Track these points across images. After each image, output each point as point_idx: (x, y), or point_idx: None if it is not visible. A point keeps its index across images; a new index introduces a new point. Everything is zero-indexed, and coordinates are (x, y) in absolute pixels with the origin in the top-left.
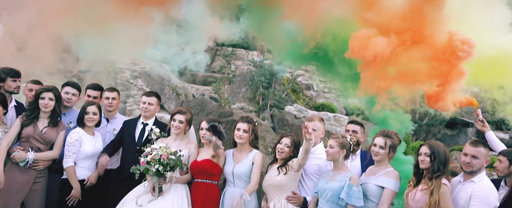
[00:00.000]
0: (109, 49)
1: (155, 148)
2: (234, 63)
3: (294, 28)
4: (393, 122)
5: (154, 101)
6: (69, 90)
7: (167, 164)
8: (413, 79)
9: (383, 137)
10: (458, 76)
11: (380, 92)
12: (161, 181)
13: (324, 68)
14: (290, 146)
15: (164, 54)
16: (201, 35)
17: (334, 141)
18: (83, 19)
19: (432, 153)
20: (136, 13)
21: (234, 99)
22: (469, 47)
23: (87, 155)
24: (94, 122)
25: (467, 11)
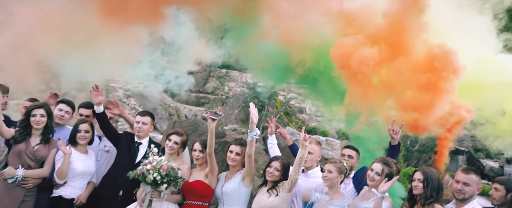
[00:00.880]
0: (93, 68)
1: (157, 159)
2: (227, 85)
3: (276, 48)
4: (370, 141)
5: (148, 121)
6: (63, 108)
7: (165, 176)
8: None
9: (381, 163)
10: (445, 92)
11: (364, 107)
12: (154, 193)
13: (307, 86)
14: (280, 170)
15: (147, 74)
16: (186, 57)
17: (333, 166)
18: (68, 38)
19: (426, 179)
20: (122, 32)
21: (227, 120)
22: (448, 56)
23: (78, 173)
24: (86, 140)
25: (449, 25)
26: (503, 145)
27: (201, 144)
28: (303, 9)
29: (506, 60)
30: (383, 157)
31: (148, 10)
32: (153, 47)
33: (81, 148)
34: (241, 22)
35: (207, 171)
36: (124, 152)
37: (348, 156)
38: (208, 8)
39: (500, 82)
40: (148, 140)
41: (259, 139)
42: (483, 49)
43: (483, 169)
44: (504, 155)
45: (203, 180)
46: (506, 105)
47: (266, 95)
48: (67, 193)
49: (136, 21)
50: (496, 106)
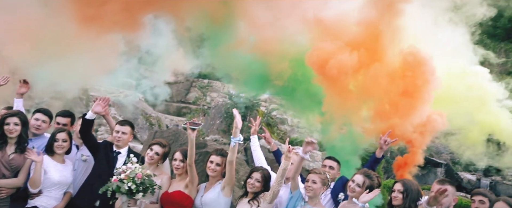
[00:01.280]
0: (68, 76)
1: (130, 167)
2: (209, 95)
3: (254, 58)
4: (344, 151)
5: (128, 131)
6: (39, 117)
7: (140, 184)
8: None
9: (363, 175)
10: (421, 101)
11: (340, 115)
12: (130, 202)
13: (285, 97)
14: (261, 181)
15: (123, 83)
16: (163, 67)
17: (318, 177)
18: (43, 46)
19: (405, 190)
20: (98, 40)
21: (208, 131)
22: (422, 64)
23: (53, 182)
24: (64, 149)
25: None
26: (474, 155)
27: (182, 153)
28: (278, 17)
29: (479, 73)
30: (365, 170)
31: (125, 18)
32: (129, 56)
33: (58, 157)
34: (218, 31)
35: (187, 181)
36: (102, 161)
37: (329, 167)
38: (185, 16)
39: (472, 95)
40: (127, 149)
41: (240, 149)
42: (457, 62)
43: (461, 181)
44: (475, 165)
45: (183, 190)
46: (478, 117)
47: (248, 105)
48: (42, 204)
49: (112, 29)
50: (468, 117)
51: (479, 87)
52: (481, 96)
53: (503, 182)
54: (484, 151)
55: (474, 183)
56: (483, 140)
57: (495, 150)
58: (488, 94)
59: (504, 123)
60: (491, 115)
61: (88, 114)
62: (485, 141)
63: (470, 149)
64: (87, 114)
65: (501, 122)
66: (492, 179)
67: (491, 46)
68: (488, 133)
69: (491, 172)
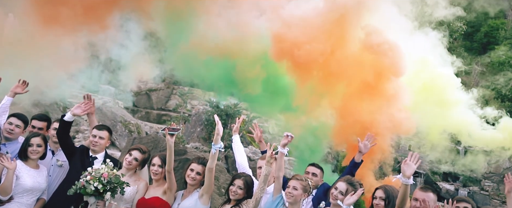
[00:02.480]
0: (27, 79)
1: (96, 168)
2: (190, 103)
3: (219, 62)
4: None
5: (105, 135)
6: (13, 121)
7: (107, 183)
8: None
9: (346, 183)
10: (386, 96)
11: (310, 109)
12: (99, 204)
13: (252, 98)
14: (243, 188)
15: (85, 89)
16: (128, 75)
17: (299, 184)
18: (1, 47)
19: (387, 197)
20: (60, 42)
21: (189, 138)
22: (388, 54)
23: (26, 189)
24: (39, 154)
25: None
26: (435, 157)
27: (160, 158)
28: (238, 13)
29: (446, 77)
30: (348, 177)
31: (89, 18)
32: (92, 60)
33: (32, 162)
34: (179, 29)
35: (165, 188)
36: (77, 166)
37: (312, 174)
38: (149, 18)
39: (440, 99)
40: (103, 154)
41: (221, 157)
42: (428, 65)
43: (440, 191)
44: (441, 169)
45: (160, 196)
46: (441, 120)
47: (229, 113)
48: None
49: (74, 31)
50: (432, 121)
51: (448, 92)
52: (448, 101)
53: (481, 192)
54: (447, 154)
55: (453, 193)
56: (446, 143)
57: (455, 153)
58: (456, 100)
59: (470, 127)
60: (457, 119)
61: (67, 115)
62: (448, 144)
63: (433, 151)
64: (65, 115)
65: (467, 126)
66: (470, 189)
67: (468, 59)
68: (452, 136)
69: (469, 183)
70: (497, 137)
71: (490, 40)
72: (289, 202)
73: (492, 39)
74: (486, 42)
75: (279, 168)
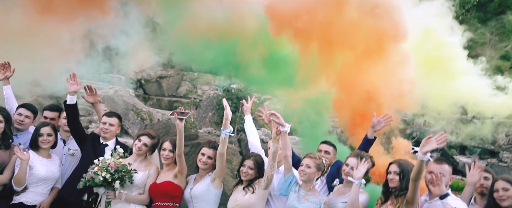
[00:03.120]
0: (26, 69)
1: (103, 158)
2: (201, 88)
3: (219, 44)
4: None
5: (115, 122)
6: (22, 112)
7: (115, 172)
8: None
9: (356, 158)
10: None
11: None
12: (109, 194)
13: (257, 76)
14: (254, 168)
15: (85, 79)
16: (128, 65)
17: (312, 162)
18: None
19: (401, 171)
20: (59, 32)
21: (201, 123)
22: (392, 17)
23: (39, 178)
24: (49, 143)
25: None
26: (449, 130)
27: (171, 143)
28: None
29: (453, 46)
30: (357, 151)
31: (86, 5)
32: (91, 49)
33: (44, 152)
34: (176, 16)
35: (176, 172)
36: (89, 154)
37: (324, 151)
38: (147, 2)
39: (447, 67)
40: (114, 141)
41: (234, 141)
42: (432, 34)
43: (457, 165)
44: (453, 142)
45: (172, 180)
46: (450, 92)
47: (239, 97)
48: (28, 200)
49: (72, 19)
50: (440, 92)
51: (456, 63)
52: (455, 70)
53: (499, 164)
54: (460, 126)
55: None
56: (456, 116)
57: (469, 124)
58: (464, 70)
59: (480, 96)
60: (466, 89)
61: (68, 98)
62: (459, 116)
63: (448, 124)
64: (67, 99)
65: (477, 95)
66: (488, 161)
67: (482, 29)
68: (463, 107)
69: (487, 155)
70: (509, 104)
71: (504, 10)
72: (303, 180)
73: (506, 9)
74: (500, 12)
75: (285, 147)
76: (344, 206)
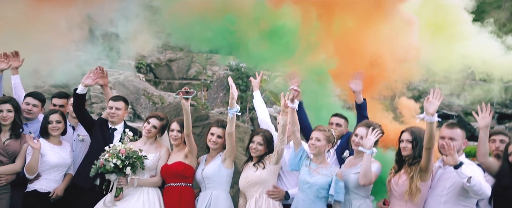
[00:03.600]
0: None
1: (113, 145)
2: (210, 69)
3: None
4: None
5: (122, 106)
6: (30, 101)
7: (126, 158)
8: None
9: (366, 127)
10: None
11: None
12: (121, 180)
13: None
14: (263, 143)
15: (82, 67)
16: (128, 50)
17: (322, 134)
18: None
19: (414, 139)
20: (55, 19)
21: (213, 104)
22: None
23: (52, 165)
24: (59, 130)
25: None
26: (448, 91)
27: (178, 123)
28: None
29: (462, 10)
30: (365, 121)
31: None
32: (91, 35)
33: (54, 139)
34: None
35: (186, 152)
36: (98, 139)
37: (336, 124)
38: None
39: (452, 32)
40: (123, 125)
41: (246, 120)
42: None
43: (474, 131)
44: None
45: (182, 161)
46: (456, 56)
47: (250, 75)
48: (42, 187)
49: (70, 5)
50: (444, 54)
51: (462, 24)
52: (463, 33)
53: None
54: (462, 86)
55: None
56: (460, 75)
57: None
58: (471, 32)
59: (487, 58)
60: (472, 50)
61: (79, 87)
62: (463, 76)
63: (447, 84)
64: (78, 88)
65: (483, 57)
66: (506, 125)
67: None
68: (468, 67)
69: (505, 120)
70: None
71: None
72: (314, 154)
73: None
74: None
75: (293, 123)
76: (356, 177)
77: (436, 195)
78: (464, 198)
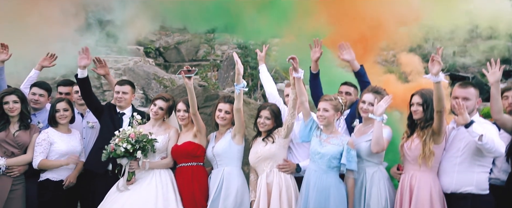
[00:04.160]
0: (22, 45)
1: (123, 129)
2: (219, 49)
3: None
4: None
5: (128, 90)
6: (36, 91)
7: (136, 142)
8: None
9: (372, 93)
10: None
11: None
12: (132, 164)
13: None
14: (271, 117)
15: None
16: (126, 38)
17: (329, 104)
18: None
19: (424, 102)
20: (53, 11)
21: (224, 84)
22: None
23: (62, 154)
24: (67, 118)
25: None
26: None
27: (184, 103)
28: None
29: None
30: (371, 86)
31: None
32: (87, 23)
33: (63, 127)
34: None
35: (195, 131)
36: (108, 124)
37: (345, 93)
38: None
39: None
40: (131, 109)
41: (258, 97)
42: None
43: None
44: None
45: (192, 140)
46: (459, 11)
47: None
48: (54, 176)
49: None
50: (447, 12)
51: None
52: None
53: None
54: (466, 44)
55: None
56: (464, 32)
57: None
58: None
59: (492, 13)
60: (476, 6)
61: (79, 72)
62: (467, 32)
63: (451, 41)
64: (78, 73)
65: (488, 12)
66: None
67: None
68: (472, 22)
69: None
70: None
71: None
72: (324, 125)
73: None
74: None
75: (300, 93)
76: (368, 145)
77: (451, 157)
78: (479, 157)
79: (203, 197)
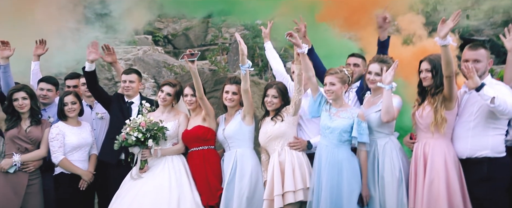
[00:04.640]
0: (20, 38)
1: (134, 119)
2: (227, 32)
3: None
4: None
5: (135, 78)
6: (43, 87)
7: (146, 131)
8: None
9: (378, 62)
10: None
11: None
12: (144, 152)
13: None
14: (278, 96)
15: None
16: (125, 28)
17: (335, 77)
18: None
19: (433, 68)
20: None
21: (234, 66)
22: None
23: (73, 146)
24: (75, 111)
25: None
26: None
27: (190, 87)
28: None
29: None
30: (376, 56)
31: None
32: (85, 15)
33: (72, 120)
34: None
35: (204, 115)
36: (117, 114)
37: (353, 64)
38: None
39: None
40: (139, 98)
41: (269, 77)
42: None
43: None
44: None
45: (201, 124)
46: None
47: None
48: None
49: None
50: None
51: None
52: None
53: None
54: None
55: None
56: None
57: None
58: None
59: None
60: None
61: (86, 65)
62: None
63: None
64: (85, 66)
65: None
66: None
67: None
68: None
69: None
70: None
71: None
72: (332, 99)
73: None
74: None
75: (306, 69)
76: (378, 115)
77: (464, 122)
78: (493, 120)
79: (217, 180)
